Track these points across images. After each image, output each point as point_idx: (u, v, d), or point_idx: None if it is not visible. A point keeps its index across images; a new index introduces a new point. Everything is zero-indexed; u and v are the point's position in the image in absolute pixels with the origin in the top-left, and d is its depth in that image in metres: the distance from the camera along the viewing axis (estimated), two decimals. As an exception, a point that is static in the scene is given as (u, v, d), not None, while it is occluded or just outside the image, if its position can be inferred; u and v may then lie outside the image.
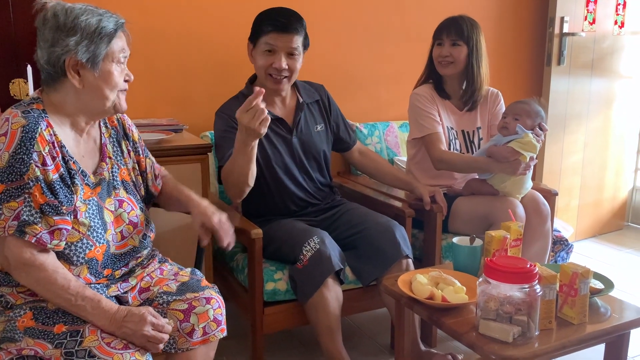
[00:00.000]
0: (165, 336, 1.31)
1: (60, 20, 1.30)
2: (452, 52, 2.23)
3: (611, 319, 1.51)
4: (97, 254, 1.36)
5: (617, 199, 3.67)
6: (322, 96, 2.21)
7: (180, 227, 2.00)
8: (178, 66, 2.41)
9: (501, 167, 2.11)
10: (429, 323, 2.05)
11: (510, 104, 2.18)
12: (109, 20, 1.34)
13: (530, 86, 3.33)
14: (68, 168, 1.34)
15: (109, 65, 1.35)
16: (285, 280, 1.93)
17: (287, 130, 2.09)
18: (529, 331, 1.37)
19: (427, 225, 2.18)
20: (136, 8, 2.28)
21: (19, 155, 1.24)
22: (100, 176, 1.43)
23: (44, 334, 1.26)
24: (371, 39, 2.82)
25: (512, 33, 3.21)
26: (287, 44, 1.96)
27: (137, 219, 1.48)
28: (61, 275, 1.27)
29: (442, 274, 1.61)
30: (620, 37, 3.39)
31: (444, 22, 2.29)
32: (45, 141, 1.28)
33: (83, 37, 1.30)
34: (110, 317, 1.28)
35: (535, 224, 2.14)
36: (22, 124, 1.26)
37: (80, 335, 1.26)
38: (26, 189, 1.25)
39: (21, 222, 1.24)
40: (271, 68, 1.98)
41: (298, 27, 1.98)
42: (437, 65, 2.28)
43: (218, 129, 2.02)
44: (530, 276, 1.35)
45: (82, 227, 1.33)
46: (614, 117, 3.51)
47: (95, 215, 1.37)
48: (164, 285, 1.47)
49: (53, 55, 1.31)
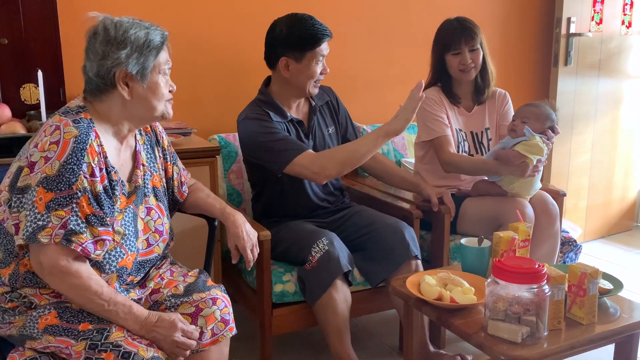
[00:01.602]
0: (194, 342, 1.34)
1: (110, 34, 1.33)
2: (472, 57, 2.23)
3: (620, 319, 1.50)
4: (127, 262, 1.39)
5: (626, 199, 3.66)
6: (330, 98, 2.22)
7: (189, 230, 2.02)
8: (186, 70, 2.42)
9: (509, 170, 2.10)
10: (437, 324, 2.05)
11: (520, 107, 2.17)
12: (156, 33, 1.38)
13: (537, 87, 3.33)
14: (110, 179, 1.36)
15: (156, 76, 1.38)
16: (293, 282, 1.93)
17: (304, 133, 2.11)
18: (538, 331, 1.36)
19: (435, 226, 2.18)
20: (145, 12, 2.30)
21: (69, 165, 1.26)
22: (135, 184, 1.45)
23: (68, 331, 1.28)
24: (377, 40, 2.83)
25: (519, 34, 3.21)
26: (328, 49, 2.03)
27: (162, 227, 1.50)
28: (95, 282, 1.29)
29: (451, 275, 1.61)
30: (627, 37, 3.38)
31: (451, 28, 2.26)
32: (95, 152, 1.31)
33: (133, 50, 1.33)
34: (141, 322, 1.30)
35: (544, 225, 2.14)
36: (75, 134, 1.28)
37: (107, 331, 1.28)
38: (74, 198, 1.26)
39: (68, 231, 1.25)
40: (319, 74, 2.02)
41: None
42: (459, 73, 2.26)
43: (255, 131, 1.98)
44: (539, 276, 1.35)
45: (117, 236, 1.36)
46: (622, 117, 3.49)
47: (130, 224, 1.40)
48: (172, 287, 1.49)
49: (103, 68, 1.33)
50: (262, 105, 2.04)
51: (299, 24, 1.96)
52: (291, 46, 1.96)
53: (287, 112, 2.06)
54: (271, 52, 2.02)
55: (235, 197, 2.37)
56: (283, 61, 1.98)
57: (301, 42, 1.95)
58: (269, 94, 2.07)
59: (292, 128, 2.07)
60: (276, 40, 1.99)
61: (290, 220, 2.09)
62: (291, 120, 2.07)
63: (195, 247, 1.92)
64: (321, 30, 1.96)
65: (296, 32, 1.95)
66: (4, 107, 2.00)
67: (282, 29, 1.98)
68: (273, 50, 2.01)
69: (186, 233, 2.00)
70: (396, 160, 2.68)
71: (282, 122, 2.03)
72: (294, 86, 2.03)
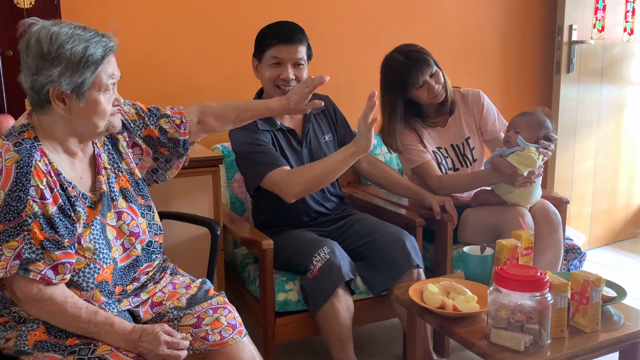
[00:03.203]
0: (183, 353, 1.31)
1: (44, 48, 1.22)
2: (436, 80, 2.18)
3: (624, 327, 1.50)
4: (105, 276, 1.35)
5: (630, 206, 3.64)
6: (327, 106, 2.23)
7: (192, 239, 2.02)
8: (189, 80, 2.44)
9: (502, 178, 2.10)
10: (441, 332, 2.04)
11: (514, 117, 2.15)
12: (97, 47, 1.26)
13: (539, 94, 3.33)
14: (67, 196, 1.29)
15: (95, 94, 1.28)
16: (296, 291, 1.93)
17: (297, 142, 2.11)
18: (541, 340, 1.36)
19: (437, 234, 2.18)
20: (147, 26, 2.33)
21: (15, 193, 1.20)
22: (99, 191, 1.38)
23: (55, 347, 1.27)
24: (374, 48, 2.83)
25: (521, 42, 3.22)
26: (293, 55, 2.00)
27: (138, 229, 1.44)
28: (71, 305, 1.26)
29: (453, 283, 1.61)
30: (630, 44, 3.39)
31: (402, 68, 2.15)
32: (42, 173, 1.24)
33: (67, 68, 1.23)
34: (125, 338, 1.29)
35: (546, 233, 2.13)
36: (16, 159, 1.21)
37: (93, 345, 1.28)
38: (25, 226, 1.21)
39: (23, 260, 1.21)
40: (279, 79, 2.01)
41: (301, 37, 2.02)
42: (430, 100, 2.21)
43: (241, 141, 2.02)
44: (541, 284, 1.35)
45: (87, 252, 1.31)
46: (625, 124, 3.49)
47: (99, 236, 1.35)
48: (175, 299, 1.47)
49: (37, 83, 1.25)
50: None
51: (265, 27, 2.06)
52: (255, 47, 2.07)
53: (277, 121, 2.08)
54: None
55: (239, 206, 2.38)
56: (254, 62, 2.09)
57: (257, 44, 2.07)
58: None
59: (282, 137, 2.08)
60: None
61: (291, 230, 2.09)
62: (280, 129, 2.08)
63: (197, 255, 1.92)
64: (273, 33, 2.02)
65: (259, 34, 2.06)
66: (9, 117, 2.02)
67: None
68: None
69: (188, 241, 2.01)
70: (398, 168, 2.68)
71: (270, 131, 2.05)
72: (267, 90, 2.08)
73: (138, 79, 2.34)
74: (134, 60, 2.31)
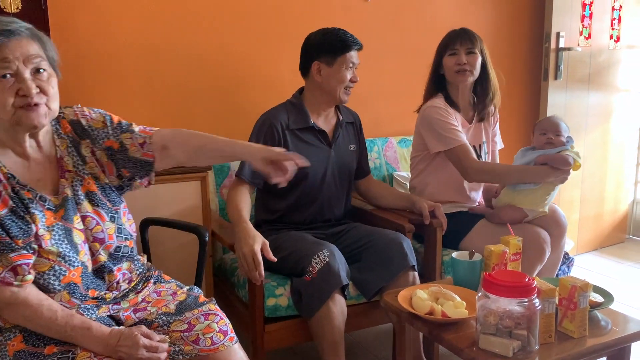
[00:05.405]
0: (162, 355, 1.29)
1: None
2: (469, 60, 2.23)
3: (612, 332, 1.51)
4: (73, 278, 1.33)
5: (617, 212, 3.68)
6: (356, 120, 2.33)
7: (180, 245, 2.01)
8: (179, 85, 2.43)
9: (556, 174, 2.12)
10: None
11: (544, 121, 2.22)
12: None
13: (527, 101, 3.36)
14: (21, 198, 1.29)
15: None
16: (287, 296, 1.92)
17: (326, 143, 2.18)
18: (529, 345, 1.37)
19: (427, 240, 2.18)
20: (138, 26, 2.32)
21: None
22: (62, 195, 1.36)
23: (34, 356, 1.26)
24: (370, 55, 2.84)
25: (509, 49, 3.24)
26: (358, 60, 2.16)
27: (103, 234, 1.40)
28: (47, 308, 1.26)
29: (442, 289, 1.62)
30: (616, 51, 3.43)
31: (451, 33, 2.30)
32: None
33: None
34: (103, 343, 1.27)
35: (554, 235, 2.16)
36: None
37: (72, 353, 1.26)
38: None
39: None
40: (349, 82, 2.12)
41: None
42: (454, 75, 2.25)
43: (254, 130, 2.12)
44: (529, 290, 1.35)
45: (51, 255, 1.30)
46: (612, 130, 3.53)
47: (62, 241, 1.32)
48: (162, 306, 1.45)
49: None
50: (286, 107, 2.15)
51: (331, 32, 2.11)
52: (323, 51, 2.09)
53: (311, 120, 2.13)
54: (305, 59, 2.14)
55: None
56: (315, 65, 2.10)
57: (332, 48, 2.09)
58: (301, 99, 2.18)
59: (312, 136, 2.14)
60: (310, 47, 2.13)
61: (291, 230, 2.11)
62: (312, 128, 2.13)
63: (186, 261, 1.91)
64: (351, 38, 2.11)
65: (328, 38, 2.10)
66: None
67: (316, 36, 2.13)
68: (307, 57, 2.13)
69: (177, 248, 2.00)
70: (388, 174, 2.69)
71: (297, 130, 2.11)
72: (325, 92, 2.13)
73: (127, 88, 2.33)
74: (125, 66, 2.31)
